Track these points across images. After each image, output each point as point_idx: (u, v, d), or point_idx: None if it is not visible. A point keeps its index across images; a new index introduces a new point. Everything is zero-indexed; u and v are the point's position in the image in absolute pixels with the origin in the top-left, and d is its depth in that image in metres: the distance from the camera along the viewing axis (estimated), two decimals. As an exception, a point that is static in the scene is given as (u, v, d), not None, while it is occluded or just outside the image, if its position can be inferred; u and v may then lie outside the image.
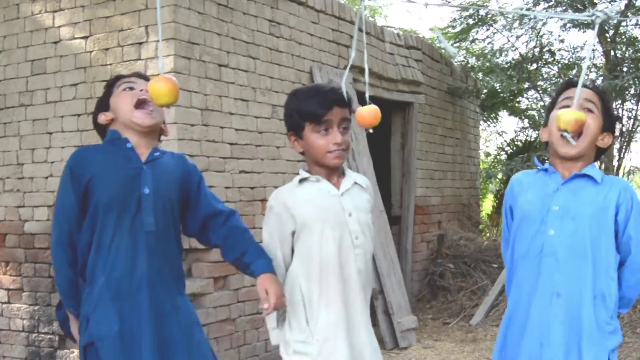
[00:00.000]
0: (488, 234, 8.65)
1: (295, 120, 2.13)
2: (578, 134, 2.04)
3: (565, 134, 1.97)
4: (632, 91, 6.90)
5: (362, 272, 2.13)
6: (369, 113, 2.07)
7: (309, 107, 2.10)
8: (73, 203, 2.08)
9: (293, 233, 2.11)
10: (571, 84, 2.15)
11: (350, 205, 2.13)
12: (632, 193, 2.06)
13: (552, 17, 7.13)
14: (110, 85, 2.27)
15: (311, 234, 2.08)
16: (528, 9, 6.95)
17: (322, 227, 2.08)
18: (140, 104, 2.16)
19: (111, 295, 2.02)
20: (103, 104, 2.25)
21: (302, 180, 2.15)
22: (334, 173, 2.17)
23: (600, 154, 2.19)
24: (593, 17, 1.85)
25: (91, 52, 4.33)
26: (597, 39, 6.67)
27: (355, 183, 2.20)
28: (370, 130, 2.17)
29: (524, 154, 7.48)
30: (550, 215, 2.07)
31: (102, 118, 2.23)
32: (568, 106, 2.03)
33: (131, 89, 2.20)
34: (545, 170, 2.16)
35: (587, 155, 2.11)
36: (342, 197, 2.13)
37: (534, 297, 2.07)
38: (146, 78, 2.27)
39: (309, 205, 2.10)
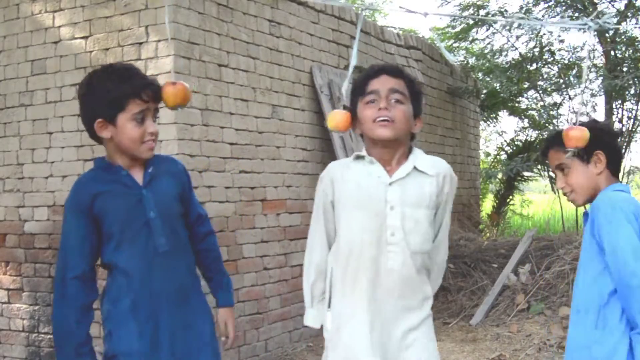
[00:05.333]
0: (488, 234, 8.64)
1: (351, 99, 2.06)
2: None
3: None
4: (632, 91, 6.90)
5: (395, 272, 1.94)
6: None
7: (358, 81, 2.03)
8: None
9: (333, 206, 2.05)
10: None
11: (395, 197, 1.94)
12: None
13: (546, 25, 7.14)
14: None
15: (344, 214, 2.00)
16: (527, 10, 6.95)
17: (358, 211, 1.96)
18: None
19: (133, 316, 2.06)
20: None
21: (358, 158, 2.04)
22: (392, 155, 1.98)
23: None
24: (586, 27, 1.86)
25: (91, 52, 4.33)
26: (597, 39, 6.68)
27: (415, 169, 1.98)
28: None
29: (524, 154, 7.48)
30: None
31: None
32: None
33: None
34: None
35: None
36: (390, 186, 1.95)
37: None
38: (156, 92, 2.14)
39: (352, 185, 1.98)
